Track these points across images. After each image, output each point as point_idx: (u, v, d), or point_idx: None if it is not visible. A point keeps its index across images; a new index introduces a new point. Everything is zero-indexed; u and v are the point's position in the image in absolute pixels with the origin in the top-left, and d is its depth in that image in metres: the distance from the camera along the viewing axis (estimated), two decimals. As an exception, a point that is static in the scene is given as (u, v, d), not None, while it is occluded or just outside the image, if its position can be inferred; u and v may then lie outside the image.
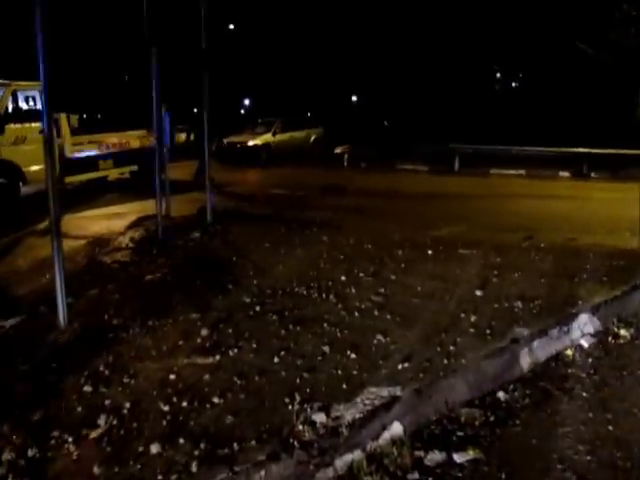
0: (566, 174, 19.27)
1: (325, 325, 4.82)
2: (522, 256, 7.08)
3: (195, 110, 22.97)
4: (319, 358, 4.34)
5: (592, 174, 19.18)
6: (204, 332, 4.74)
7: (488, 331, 4.50)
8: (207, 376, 4.08)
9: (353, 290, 5.61)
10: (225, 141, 23.11)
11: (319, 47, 35.66)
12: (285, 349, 4.51)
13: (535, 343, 4.40)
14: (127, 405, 3.78)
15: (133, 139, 15.28)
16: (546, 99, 29.54)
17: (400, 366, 4.14)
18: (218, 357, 4.35)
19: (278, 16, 35.96)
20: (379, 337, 4.47)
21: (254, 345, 4.56)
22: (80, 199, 13.40)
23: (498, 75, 40.08)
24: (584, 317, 4.96)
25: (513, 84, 41.01)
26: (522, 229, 9.42)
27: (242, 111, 43.42)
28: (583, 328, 4.86)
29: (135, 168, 15.47)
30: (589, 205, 12.56)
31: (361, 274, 6.12)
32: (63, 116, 13.26)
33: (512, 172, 19.27)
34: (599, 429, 3.52)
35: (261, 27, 37.21)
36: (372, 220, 10.02)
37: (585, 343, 4.72)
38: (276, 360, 4.33)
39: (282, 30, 36.29)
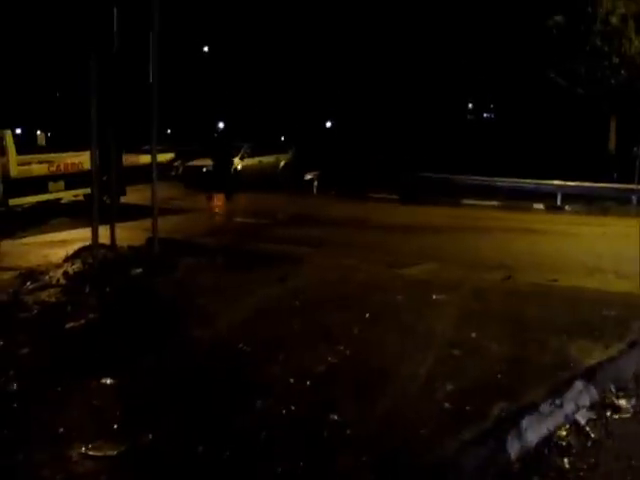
0: (540, 206, 18.84)
1: (267, 401, 3.86)
2: (502, 302, 6.32)
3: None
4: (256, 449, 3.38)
5: (566, 207, 18.79)
6: (114, 409, 3.76)
7: (467, 407, 3.70)
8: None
9: (308, 348, 4.75)
10: (189, 164, 22.25)
11: (294, 71, 35.31)
12: (211, 435, 3.47)
13: (524, 422, 3.61)
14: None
15: (88, 160, 14.32)
16: (519, 130, 29.42)
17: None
18: (124, 448, 3.39)
19: (254, 39, 35.55)
20: (332, 416, 3.60)
21: (174, 428, 3.58)
22: (25, 223, 12.43)
23: (470, 105, 40.03)
24: (578, 385, 4.20)
25: (485, 115, 41.01)
26: (499, 267, 8.74)
27: (215, 134, 42.64)
28: (578, 399, 4.09)
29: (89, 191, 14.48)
30: (567, 241, 11.98)
31: (319, 326, 5.25)
32: (8, 133, 12.31)
33: (485, 203, 18.78)
34: None
35: (236, 50, 36.76)
36: (338, 254, 9.23)
37: (582, 419, 3.94)
38: (201, 449, 3.36)
39: (257, 53, 35.87)
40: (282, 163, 24.30)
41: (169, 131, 44.83)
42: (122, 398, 3.87)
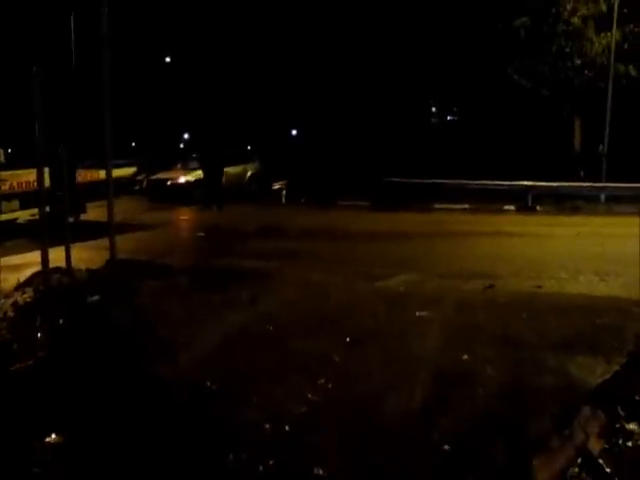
0: (511, 207, 18.69)
1: (240, 454, 3.31)
2: (488, 316, 5.93)
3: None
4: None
5: (537, 207, 18.66)
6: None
7: (468, 448, 3.26)
8: None
9: (284, 384, 4.23)
10: (153, 177, 21.58)
11: (258, 79, 34.85)
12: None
13: (535, 461, 3.19)
14: None
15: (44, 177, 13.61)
16: (483, 132, 29.40)
17: None
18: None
19: (217, 47, 35.05)
20: (317, 470, 3.11)
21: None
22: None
23: (433, 109, 39.99)
24: (586, 411, 3.80)
25: (448, 117, 41.01)
26: (479, 275, 8.38)
27: (181, 145, 41.96)
28: (586, 427, 3.69)
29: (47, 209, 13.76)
30: (542, 243, 11.73)
31: (295, 356, 4.75)
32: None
33: (456, 207, 18.52)
34: None
35: (200, 59, 36.19)
36: (309, 268, 8.77)
37: (594, 450, 3.54)
38: None
39: (221, 62, 35.36)
40: (249, 173, 23.71)
41: (134, 144, 43.98)
42: (67, 462, 3.32)
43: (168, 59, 38.97)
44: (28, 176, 13.30)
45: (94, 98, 8.71)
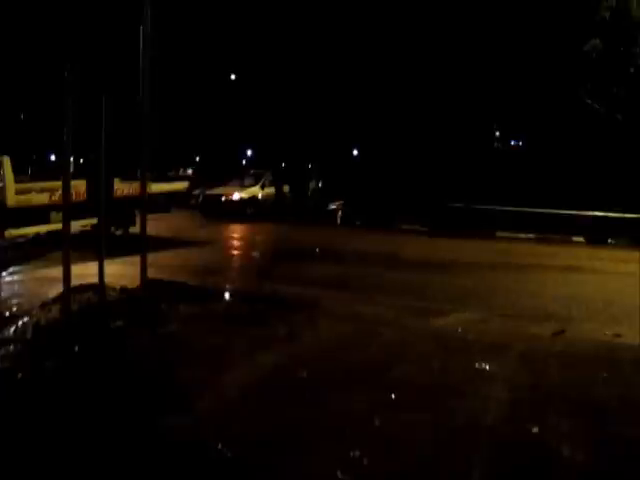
0: (581, 239, 17.47)
1: None
2: (561, 373, 5.05)
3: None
4: None
5: (609, 240, 17.37)
6: None
7: None
8: None
9: (313, 452, 3.46)
10: (209, 193, 21.37)
11: (323, 99, 34.71)
12: None
13: None
14: None
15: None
16: (551, 157, 28.03)
17: None
18: None
19: (284, 66, 35.17)
20: None
21: None
22: (24, 256, 11.51)
23: (497, 133, 38.78)
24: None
25: (512, 142, 39.68)
26: (547, 317, 7.51)
27: (244, 161, 42.14)
28: None
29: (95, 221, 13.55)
30: (620, 281, 10.59)
31: (329, 416, 3.96)
32: (6, 159, 11.42)
33: (521, 236, 17.45)
34: None
35: (263, 77, 36.40)
36: (359, 299, 8.05)
37: None
38: None
39: (287, 81, 35.43)
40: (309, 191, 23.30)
41: (197, 158, 44.47)
42: None
43: (233, 76, 39.20)
44: (79, 187, 13.12)
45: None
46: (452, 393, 4.38)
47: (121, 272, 9.02)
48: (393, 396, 4.32)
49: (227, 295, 7.78)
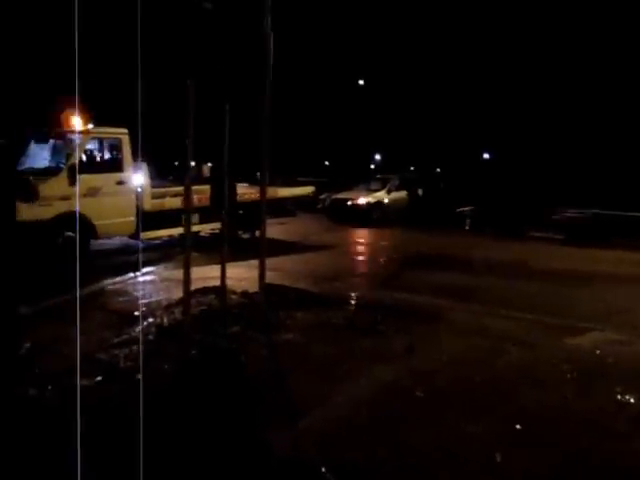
0: None
1: None
2: None
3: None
4: None
5: None
6: None
7: None
8: None
9: (437, 476, 3.13)
10: (335, 197, 21.40)
11: (452, 103, 33.99)
12: None
13: None
14: None
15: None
16: None
17: None
18: None
19: (408, 69, 34.84)
20: None
21: None
22: (159, 257, 12.06)
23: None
24: None
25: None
26: None
27: (372, 166, 42.21)
28: None
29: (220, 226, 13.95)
30: None
31: (444, 442, 3.59)
32: (145, 166, 12.08)
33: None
34: None
35: (391, 80, 36.29)
36: (484, 311, 7.55)
37: None
38: None
39: (412, 82, 35.06)
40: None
41: (327, 163, 45.13)
42: None
43: (361, 82, 39.31)
44: (208, 191, 13.54)
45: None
46: (584, 427, 3.86)
47: (244, 275, 9.15)
48: (517, 426, 3.88)
49: (346, 303, 7.58)
